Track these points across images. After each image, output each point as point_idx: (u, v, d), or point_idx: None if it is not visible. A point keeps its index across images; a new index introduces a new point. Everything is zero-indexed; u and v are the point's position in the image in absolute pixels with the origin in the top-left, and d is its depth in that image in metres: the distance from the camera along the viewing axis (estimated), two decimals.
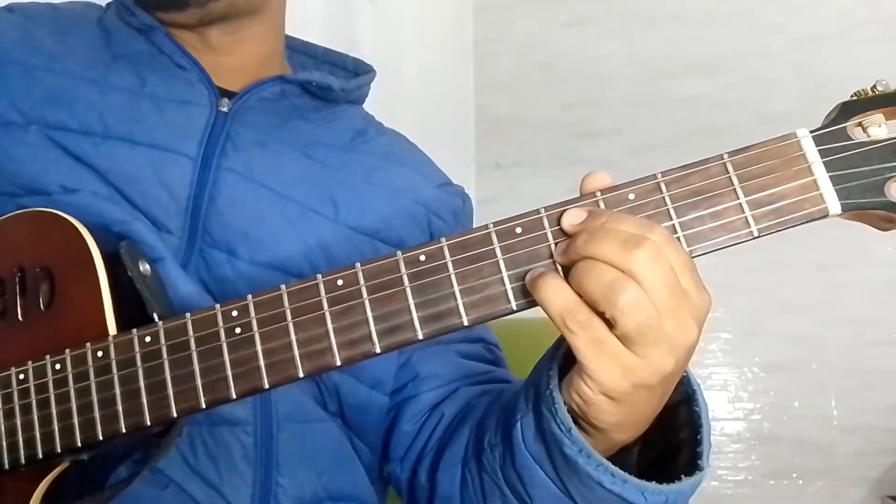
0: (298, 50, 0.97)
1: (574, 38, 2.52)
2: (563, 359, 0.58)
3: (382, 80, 0.98)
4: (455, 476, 0.74)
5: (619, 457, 0.59)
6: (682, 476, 0.57)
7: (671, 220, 0.52)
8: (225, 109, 0.78)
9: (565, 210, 0.53)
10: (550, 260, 0.52)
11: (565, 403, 0.55)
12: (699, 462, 0.58)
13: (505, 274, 0.52)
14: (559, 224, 0.52)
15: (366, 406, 0.80)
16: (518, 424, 0.62)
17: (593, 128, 2.47)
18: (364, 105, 0.95)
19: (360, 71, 0.94)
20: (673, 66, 2.43)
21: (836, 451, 2.26)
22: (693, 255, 0.52)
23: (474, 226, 0.90)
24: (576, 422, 0.56)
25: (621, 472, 0.55)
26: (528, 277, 0.52)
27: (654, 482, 0.56)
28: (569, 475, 0.58)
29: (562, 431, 0.56)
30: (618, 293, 0.48)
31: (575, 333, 0.50)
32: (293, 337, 0.54)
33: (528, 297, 0.52)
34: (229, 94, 0.80)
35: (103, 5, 0.87)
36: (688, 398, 0.60)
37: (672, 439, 0.61)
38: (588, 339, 0.50)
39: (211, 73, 0.80)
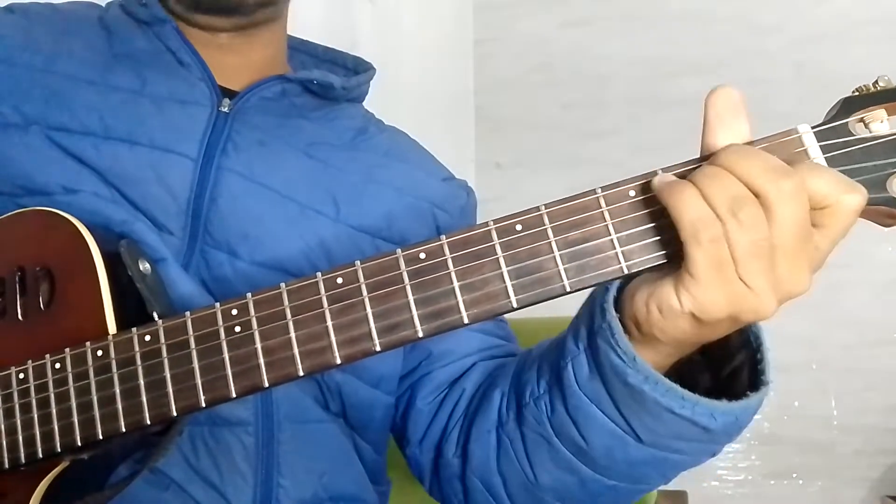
0: (298, 49, 0.97)
1: (574, 38, 2.52)
2: (619, 297, 0.57)
3: (382, 80, 0.98)
4: (489, 442, 0.73)
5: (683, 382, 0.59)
6: (749, 392, 0.57)
7: (671, 218, 0.52)
8: (226, 109, 0.78)
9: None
10: (551, 256, 0.52)
11: (624, 320, 0.55)
12: (762, 378, 0.57)
13: (505, 271, 0.52)
14: (567, 220, 0.52)
15: (368, 405, 0.80)
16: (570, 367, 0.62)
17: (593, 128, 2.47)
18: (364, 102, 0.95)
19: (360, 69, 0.94)
20: (673, 66, 2.43)
21: (836, 451, 2.26)
22: None
23: (478, 220, 0.91)
24: (630, 336, 0.55)
25: (692, 394, 0.55)
26: (658, 181, 0.51)
27: (723, 400, 0.56)
28: (632, 406, 0.58)
29: (624, 362, 0.55)
30: (742, 206, 0.47)
31: (702, 246, 0.48)
32: (293, 335, 0.54)
33: (529, 294, 0.52)
34: (231, 94, 0.80)
35: (103, 5, 0.87)
36: None
37: (722, 367, 0.61)
38: (712, 256, 0.48)
39: (214, 72, 0.80)
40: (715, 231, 0.48)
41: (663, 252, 0.51)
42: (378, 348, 0.53)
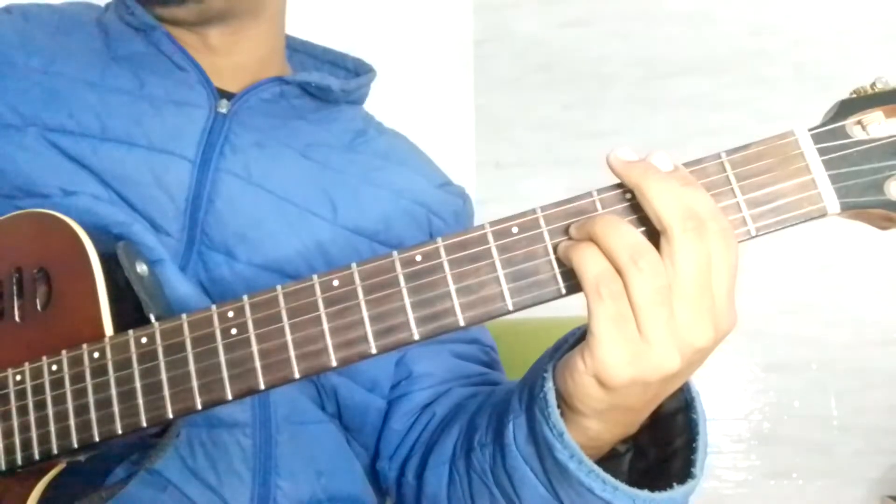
0: (298, 49, 0.96)
1: (574, 38, 2.52)
2: (559, 361, 0.57)
3: (382, 80, 0.98)
4: (442, 475, 0.74)
5: (611, 463, 0.59)
6: (675, 484, 0.56)
7: None
8: (223, 111, 0.78)
9: (653, 156, 0.51)
10: (547, 259, 0.52)
11: (557, 389, 0.55)
12: (692, 469, 0.57)
13: (501, 274, 0.52)
14: (563, 223, 0.52)
15: (363, 408, 0.80)
16: (510, 425, 0.62)
17: (593, 128, 2.46)
18: (364, 105, 0.95)
19: (360, 71, 0.94)
20: (673, 66, 2.43)
21: (836, 451, 2.25)
22: None
23: (479, 218, 0.90)
24: (562, 410, 0.55)
25: (612, 479, 0.55)
26: (562, 245, 0.51)
27: (645, 490, 0.55)
28: (559, 479, 0.58)
29: (553, 435, 0.55)
30: (643, 253, 0.47)
31: (603, 302, 0.48)
32: (289, 337, 0.54)
33: (525, 297, 0.52)
34: (228, 95, 0.80)
35: (102, 6, 0.87)
36: (686, 405, 0.60)
37: (667, 447, 0.60)
38: (613, 312, 0.48)
39: (210, 74, 0.80)
40: (615, 286, 0.48)
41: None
42: (374, 351, 0.53)
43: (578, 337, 0.58)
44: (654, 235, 0.50)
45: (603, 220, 0.49)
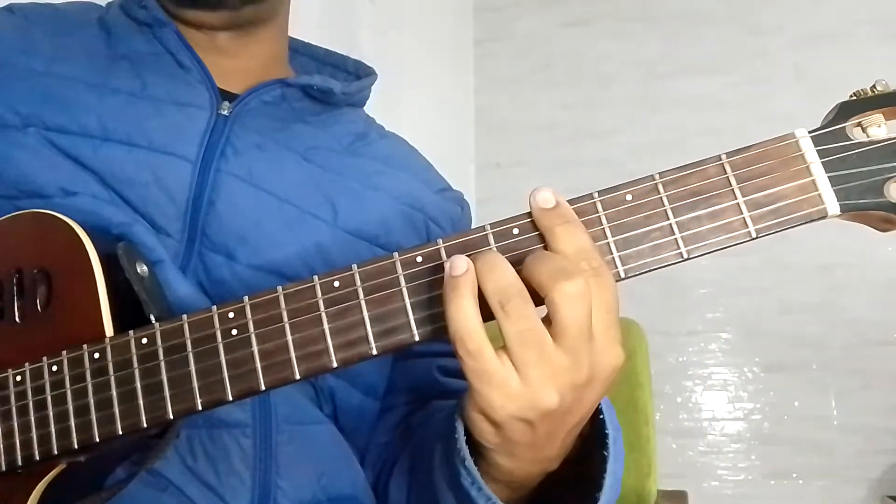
0: (300, 51, 0.96)
1: (574, 38, 2.53)
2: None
3: (382, 81, 0.98)
4: (402, 486, 0.75)
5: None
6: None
7: (668, 220, 0.52)
8: (225, 112, 0.78)
9: (538, 191, 0.52)
10: None
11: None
12: (597, 494, 0.58)
13: None
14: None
15: (359, 411, 0.80)
16: (437, 447, 0.64)
17: (593, 128, 2.47)
18: (364, 106, 0.95)
19: (361, 73, 0.94)
20: (673, 66, 2.43)
21: (836, 451, 2.26)
22: (691, 257, 0.52)
23: (478, 218, 0.90)
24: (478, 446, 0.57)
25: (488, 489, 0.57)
26: (444, 287, 0.51)
27: None
28: None
29: (458, 462, 0.57)
30: (510, 298, 0.49)
31: (463, 360, 0.50)
32: (289, 338, 0.54)
33: None
34: (231, 97, 0.80)
35: (104, 5, 0.87)
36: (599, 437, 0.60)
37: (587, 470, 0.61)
38: (476, 367, 0.50)
39: (214, 74, 0.79)
40: (472, 345, 0.50)
41: (660, 256, 0.51)
42: (375, 352, 0.53)
43: None
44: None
45: (483, 260, 0.51)
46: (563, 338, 0.49)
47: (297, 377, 0.54)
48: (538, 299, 0.49)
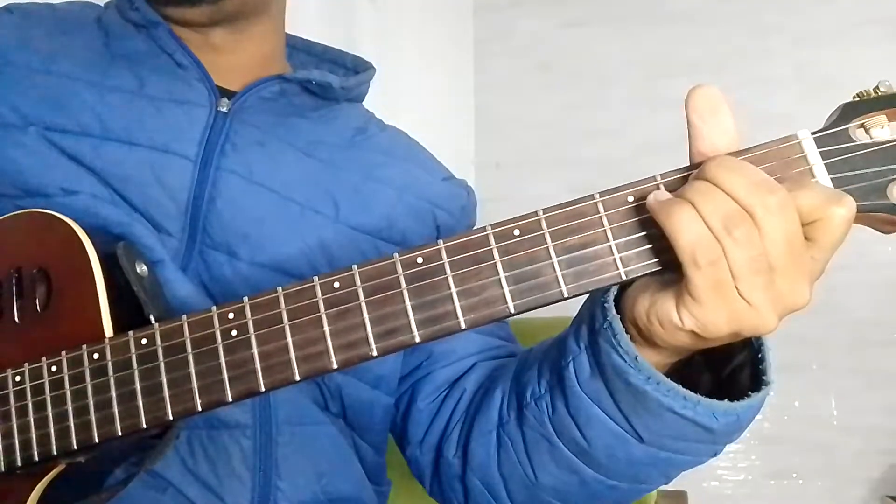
0: (297, 48, 0.96)
1: (574, 38, 2.52)
2: (623, 294, 0.57)
3: (382, 80, 0.98)
4: (490, 443, 0.73)
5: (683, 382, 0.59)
6: (751, 392, 0.57)
7: None
8: (224, 109, 0.78)
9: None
10: (549, 261, 0.52)
11: (624, 319, 0.55)
12: (763, 378, 0.57)
13: (503, 276, 0.52)
14: (565, 226, 0.52)
15: (368, 406, 0.80)
16: (571, 366, 0.62)
17: (593, 128, 2.46)
18: (363, 102, 0.95)
19: (359, 68, 0.94)
20: (673, 66, 2.42)
21: (836, 451, 2.26)
22: None
23: (478, 218, 0.90)
24: (630, 336, 0.56)
25: (693, 394, 0.55)
26: (653, 199, 0.50)
27: (725, 401, 0.56)
28: (634, 406, 0.58)
29: (626, 362, 0.55)
30: (737, 224, 0.47)
31: (701, 269, 0.48)
32: (289, 339, 0.54)
33: (526, 300, 0.52)
34: (229, 94, 0.80)
35: (102, 5, 0.87)
36: None
37: (723, 367, 0.61)
38: (711, 278, 0.48)
39: (211, 72, 0.79)
40: (713, 254, 0.48)
41: (662, 259, 0.51)
42: (375, 353, 0.53)
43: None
44: (667, 242, 0.50)
45: (696, 185, 0.49)
46: (777, 256, 0.48)
47: (297, 378, 0.54)
48: None
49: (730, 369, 0.60)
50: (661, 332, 0.53)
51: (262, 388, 0.54)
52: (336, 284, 0.54)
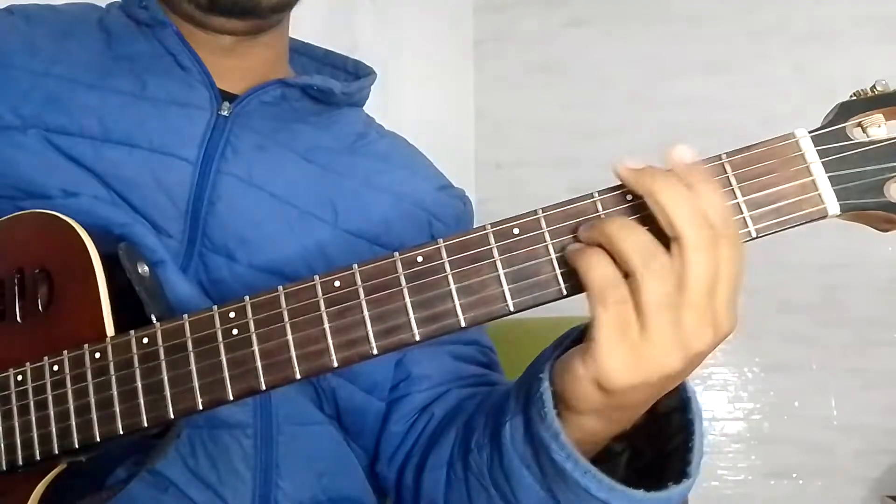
0: (299, 51, 0.96)
1: (574, 38, 2.53)
2: (556, 361, 0.57)
3: (382, 81, 0.98)
4: (440, 478, 0.73)
5: (607, 465, 0.59)
6: (671, 484, 0.56)
7: None
8: (225, 113, 0.78)
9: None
10: (548, 259, 0.52)
11: (554, 389, 0.55)
12: (687, 469, 0.57)
13: (502, 275, 0.52)
14: (564, 224, 0.52)
15: (361, 410, 0.80)
16: (507, 425, 0.62)
17: (593, 128, 2.47)
18: (364, 106, 0.95)
19: (360, 73, 0.94)
20: (673, 66, 2.43)
21: (836, 451, 2.26)
22: None
23: (478, 219, 0.90)
24: (559, 410, 0.55)
25: (608, 479, 0.55)
26: (569, 248, 0.51)
27: (641, 490, 0.55)
28: (556, 480, 0.58)
29: (549, 436, 0.55)
30: (656, 256, 0.48)
31: (607, 309, 0.48)
32: (290, 338, 0.54)
33: (526, 298, 0.52)
34: (231, 97, 0.80)
35: (104, 7, 0.87)
36: (682, 405, 0.60)
37: (664, 447, 0.61)
38: (616, 318, 0.48)
39: (215, 75, 0.79)
40: (620, 293, 0.48)
41: None
42: (375, 351, 0.53)
43: (576, 337, 0.58)
44: (659, 236, 0.50)
45: (618, 223, 0.50)
46: (693, 302, 0.48)
47: (298, 377, 0.54)
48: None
49: (670, 448, 0.60)
50: (570, 389, 0.53)
51: (263, 387, 0.54)
52: (336, 283, 0.54)
